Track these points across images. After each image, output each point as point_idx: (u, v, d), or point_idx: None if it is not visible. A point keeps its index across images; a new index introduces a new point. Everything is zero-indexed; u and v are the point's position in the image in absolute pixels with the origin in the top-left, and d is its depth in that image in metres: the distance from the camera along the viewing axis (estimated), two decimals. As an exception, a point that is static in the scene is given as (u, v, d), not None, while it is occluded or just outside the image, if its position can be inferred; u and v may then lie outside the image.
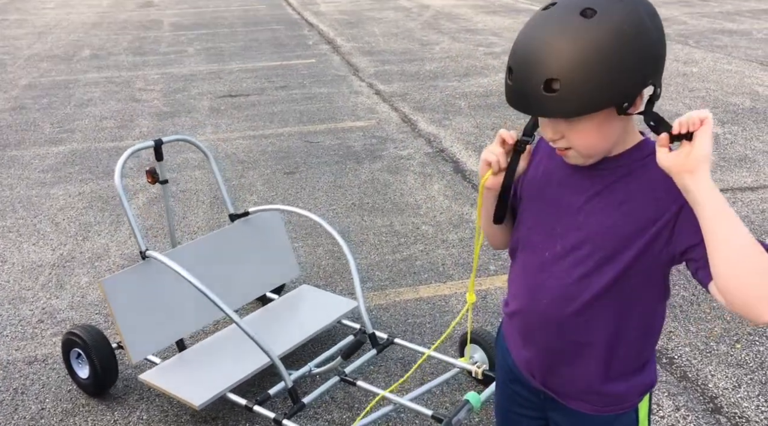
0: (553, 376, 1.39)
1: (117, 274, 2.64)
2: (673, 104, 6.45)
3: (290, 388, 2.49)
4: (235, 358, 2.69)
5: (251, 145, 5.70)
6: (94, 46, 10.35)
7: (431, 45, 9.66)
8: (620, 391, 1.35)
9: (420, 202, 4.48)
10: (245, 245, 3.08)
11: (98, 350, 2.67)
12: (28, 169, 5.26)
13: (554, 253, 1.31)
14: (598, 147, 1.21)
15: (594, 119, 1.15)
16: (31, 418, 2.65)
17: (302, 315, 3.01)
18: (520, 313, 1.40)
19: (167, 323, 2.73)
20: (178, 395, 2.52)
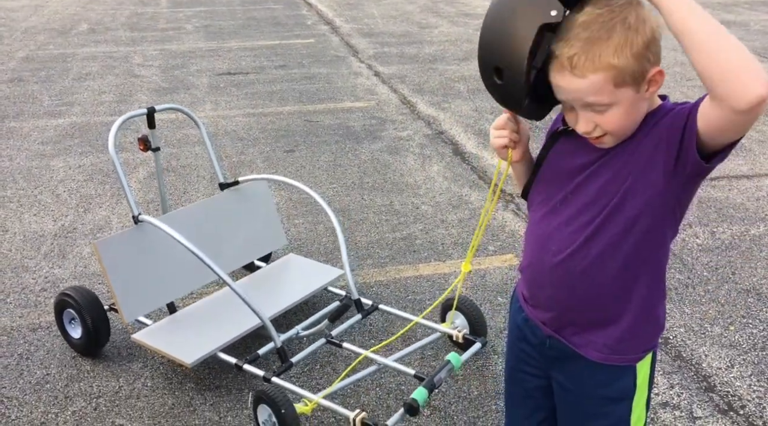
0: (559, 324, 1.45)
1: (111, 237, 2.71)
2: (671, 93, 6.49)
3: (279, 347, 2.57)
4: (226, 320, 2.77)
5: (251, 122, 5.70)
6: (92, 20, 10.27)
7: (430, 28, 9.65)
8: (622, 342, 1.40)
9: (419, 183, 4.51)
10: (234, 213, 3.15)
11: (91, 311, 2.73)
12: (28, 141, 5.25)
13: (561, 213, 1.38)
14: (629, 127, 1.27)
15: (618, 109, 1.23)
16: (36, 382, 2.68)
17: (290, 282, 3.09)
18: (530, 269, 1.48)
19: (159, 286, 2.80)
20: (170, 353, 2.59)
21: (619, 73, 1.19)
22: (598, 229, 1.33)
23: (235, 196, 3.18)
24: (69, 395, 2.61)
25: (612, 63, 1.18)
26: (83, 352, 2.83)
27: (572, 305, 1.42)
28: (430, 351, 2.83)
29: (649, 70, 1.21)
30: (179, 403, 2.57)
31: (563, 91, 1.26)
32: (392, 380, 2.69)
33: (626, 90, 1.21)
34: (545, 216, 1.43)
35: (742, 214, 4.04)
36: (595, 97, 1.22)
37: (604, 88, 1.21)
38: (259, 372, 2.52)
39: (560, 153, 1.42)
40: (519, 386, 1.64)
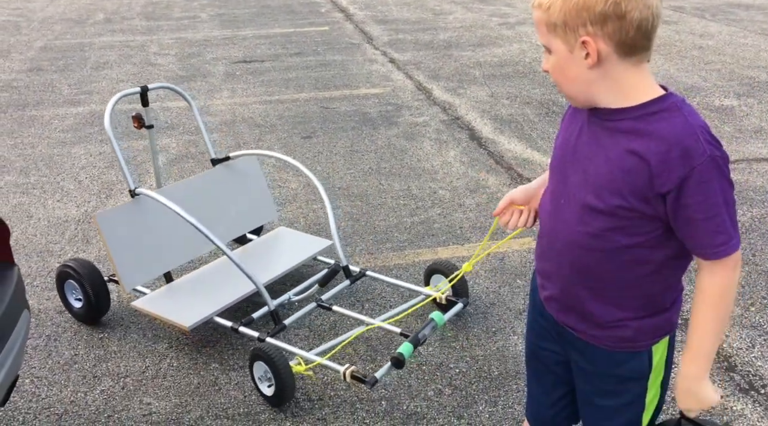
0: (569, 313, 1.48)
1: (109, 209, 2.82)
2: (689, 76, 6.45)
3: (273, 310, 2.69)
4: (221, 287, 2.90)
5: (268, 109, 5.73)
6: (107, 10, 10.32)
7: (444, 15, 9.61)
8: (629, 332, 1.42)
9: (437, 168, 4.53)
10: (226, 188, 3.26)
11: (91, 281, 2.85)
12: (48, 129, 5.31)
13: (566, 198, 1.41)
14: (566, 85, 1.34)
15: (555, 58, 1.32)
16: (65, 362, 2.74)
17: (281, 252, 3.21)
18: (541, 255, 1.52)
19: (156, 256, 2.91)
20: (170, 318, 2.71)
21: (548, 20, 1.28)
22: (593, 222, 1.35)
23: (227, 171, 3.28)
24: (97, 375, 2.67)
25: (546, 7, 1.27)
26: (85, 320, 2.96)
27: (575, 290, 1.44)
28: (414, 312, 2.96)
29: (580, 35, 1.25)
30: (204, 382, 2.62)
31: None
32: (377, 337, 2.82)
33: (557, 41, 1.29)
34: (551, 208, 1.47)
35: (762, 196, 4.02)
36: (538, 32, 1.33)
37: (540, 27, 1.31)
38: (254, 333, 2.65)
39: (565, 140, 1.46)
40: (540, 362, 1.67)
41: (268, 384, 2.48)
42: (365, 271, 3.05)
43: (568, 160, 1.41)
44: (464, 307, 2.84)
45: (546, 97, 5.90)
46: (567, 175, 1.40)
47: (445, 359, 2.72)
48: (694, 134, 1.24)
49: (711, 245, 1.29)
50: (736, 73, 6.51)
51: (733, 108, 5.56)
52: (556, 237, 1.45)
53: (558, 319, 1.52)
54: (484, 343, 2.81)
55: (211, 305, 2.77)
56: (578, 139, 1.39)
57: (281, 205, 4.05)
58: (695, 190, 1.24)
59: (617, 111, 1.31)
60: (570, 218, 1.39)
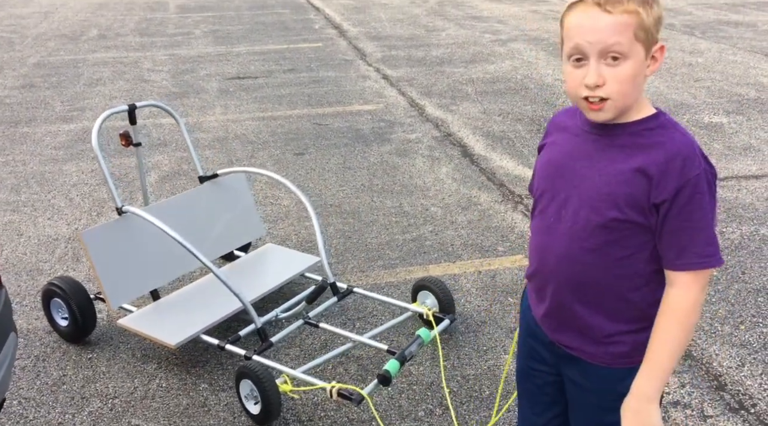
0: (564, 331, 1.49)
1: (96, 227, 2.82)
2: (679, 93, 6.50)
3: (259, 328, 2.70)
4: (207, 305, 2.89)
5: (261, 126, 5.75)
6: (101, 26, 10.36)
7: (437, 31, 9.68)
8: (624, 347, 1.43)
9: (429, 185, 4.54)
10: (214, 205, 3.27)
11: (77, 299, 2.84)
12: (41, 146, 5.31)
13: (558, 216, 1.42)
14: (630, 96, 1.30)
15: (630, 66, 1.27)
16: (53, 383, 2.72)
17: (268, 269, 3.22)
18: (534, 273, 1.52)
19: (143, 274, 2.91)
20: (156, 336, 2.70)
21: (641, 24, 1.24)
22: (588, 237, 1.37)
23: (215, 188, 3.29)
24: (85, 396, 2.65)
25: (639, 10, 1.24)
26: (71, 339, 2.95)
27: (570, 306, 1.45)
28: (401, 327, 3.00)
29: (656, 41, 1.28)
30: (194, 403, 2.60)
31: (585, 31, 1.26)
32: (367, 356, 2.82)
33: (640, 48, 1.26)
34: (543, 226, 1.48)
35: (752, 213, 4.04)
36: (618, 38, 1.24)
37: (626, 32, 1.24)
38: (241, 351, 2.64)
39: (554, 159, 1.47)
40: (531, 382, 1.67)
41: (255, 402, 2.47)
42: (352, 288, 3.05)
43: (561, 177, 1.42)
44: (451, 323, 2.85)
45: (537, 114, 5.93)
46: (560, 192, 1.42)
47: (436, 378, 2.71)
48: (691, 148, 1.30)
49: (700, 254, 1.31)
50: (725, 91, 6.56)
51: (722, 125, 5.60)
52: (550, 253, 1.46)
53: (552, 338, 1.53)
54: (475, 362, 2.80)
55: (198, 323, 2.77)
56: (569, 156, 1.41)
57: (273, 222, 4.05)
58: (689, 201, 1.28)
59: (619, 125, 1.35)
60: (564, 235, 1.41)
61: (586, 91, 1.29)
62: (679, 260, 1.32)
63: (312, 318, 2.87)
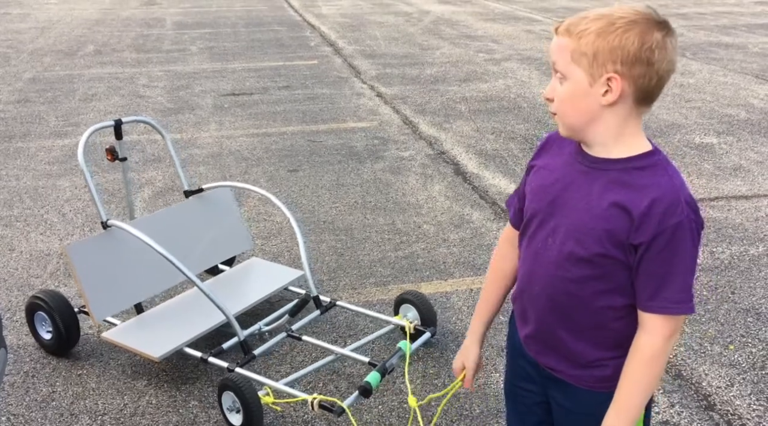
0: (549, 354, 1.50)
1: (80, 241, 2.86)
2: (670, 114, 6.56)
3: (242, 340, 2.73)
4: (191, 318, 2.91)
5: (255, 142, 5.77)
6: (98, 42, 10.40)
7: (432, 50, 9.76)
8: (608, 371, 1.44)
9: (421, 202, 4.56)
10: (199, 219, 3.30)
11: (61, 312, 2.86)
12: (34, 161, 5.31)
13: (545, 243, 1.43)
14: (573, 117, 1.35)
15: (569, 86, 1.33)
16: (42, 400, 2.71)
17: (252, 282, 3.24)
18: (520, 296, 1.54)
19: (128, 287, 2.93)
20: (139, 349, 2.72)
21: (577, 48, 1.29)
22: (572, 266, 1.39)
23: (200, 202, 3.33)
24: (74, 413, 2.64)
25: (576, 36, 1.30)
26: (54, 352, 2.96)
27: (553, 330, 1.47)
28: (382, 340, 3.03)
29: (607, 71, 1.28)
30: (183, 420, 2.60)
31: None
32: (349, 369, 2.87)
33: (579, 71, 1.30)
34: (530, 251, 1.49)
35: (741, 234, 4.07)
36: (556, 57, 1.34)
37: (563, 53, 1.32)
38: (223, 364, 2.66)
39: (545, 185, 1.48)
40: (519, 402, 1.68)
41: (237, 413, 2.49)
42: (335, 301, 3.10)
43: (551, 205, 1.43)
44: (432, 336, 2.90)
45: (530, 133, 5.98)
46: (549, 220, 1.43)
47: (427, 395, 2.71)
48: (676, 195, 1.30)
49: (670, 300, 1.33)
50: (716, 111, 6.63)
51: (712, 145, 5.66)
52: (535, 280, 1.47)
53: (538, 360, 1.54)
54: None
55: (181, 336, 2.79)
56: (560, 184, 1.42)
57: (265, 238, 4.06)
58: (665, 247, 1.30)
59: (608, 161, 1.35)
60: (550, 263, 1.42)
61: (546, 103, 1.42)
62: (650, 302, 1.34)
63: (295, 331, 2.90)
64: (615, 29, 1.27)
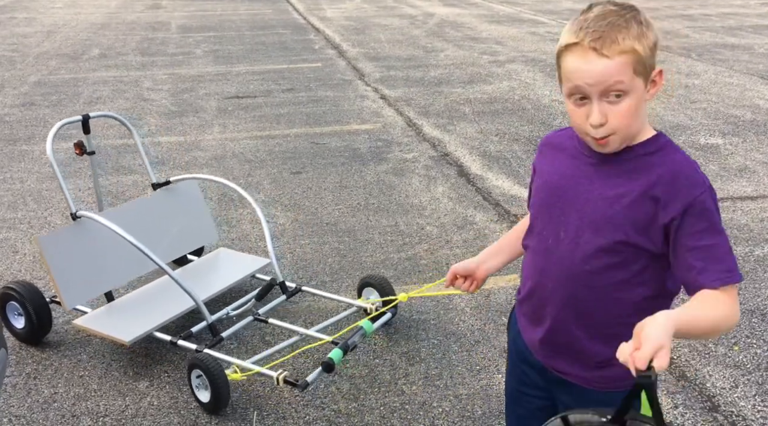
0: (560, 356, 1.48)
1: (51, 232, 2.97)
2: (675, 115, 6.54)
3: (210, 323, 2.83)
4: (161, 305, 3.00)
5: (258, 145, 5.77)
6: (103, 45, 10.44)
7: (436, 52, 9.76)
8: (619, 371, 1.42)
9: (425, 204, 4.55)
10: (167, 211, 3.39)
11: (33, 301, 2.92)
12: (38, 164, 5.33)
13: (557, 238, 1.41)
14: (634, 126, 1.31)
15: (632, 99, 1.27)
16: (44, 401, 2.71)
17: (220, 270, 3.36)
18: (530, 295, 1.50)
19: (98, 276, 3.02)
20: (109, 334, 2.81)
21: (639, 59, 1.25)
22: (588, 260, 1.37)
23: (168, 195, 3.41)
24: (76, 414, 2.64)
25: (635, 47, 1.24)
26: (27, 341, 3.02)
27: (566, 328, 1.44)
28: (345, 322, 3.09)
29: (654, 68, 1.29)
30: (184, 422, 2.59)
31: (584, 75, 1.26)
32: (314, 349, 2.91)
33: (640, 81, 1.27)
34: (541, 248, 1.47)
35: (747, 235, 4.05)
36: (618, 78, 1.24)
37: (625, 71, 1.24)
38: (192, 346, 2.75)
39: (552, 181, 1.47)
40: (522, 407, 1.65)
41: (205, 390, 2.57)
42: (301, 287, 3.20)
43: (559, 199, 1.42)
44: (392, 316, 3.02)
45: (534, 134, 5.97)
46: (558, 214, 1.41)
47: (428, 398, 2.70)
48: (693, 166, 1.32)
49: (722, 270, 1.27)
50: (721, 112, 6.60)
51: (718, 146, 5.63)
52: (549, 275, 1.44)
53: (546, 364, 1.51)
54: (468, 381, 2.79)
55: (151, 321, 2.88)
56: (568, 178, 1.41)
57: (268, 240, 4.05)
58: (699, 218, 1.28)
59: (617, 151, 1.34)
60: (565, 256, 1.40)
61: (592, 130, 1.30)
62: (704, 280, 1.27)
63: (262, 315, 3.00)
64: (644, 26, 1.27)
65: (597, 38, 1.24)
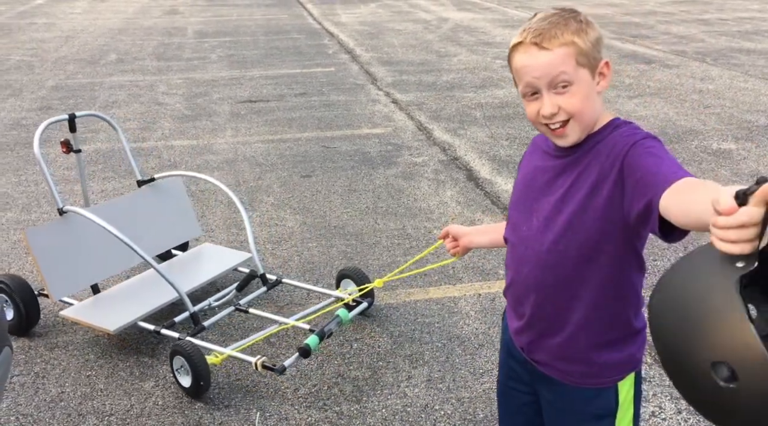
0: (538, 347, 1.50)
1: (39, 226, 3.09)
2: (688, 120, 6.49)
3: (192, 312, 2.93)
4: (145, 297, 3.12)
5: (270, 148, 5.82)
6: (120, 50, 10.58)
7: (449, 56, 9.77)
8: (596, 366, 1.45)
9: (433, 207, 4.56)
10: (151, 207, 3.51)
11: (21, 295, 3.06)
12: (53, 166, 5.41)
13: (531, 227, 1.46)
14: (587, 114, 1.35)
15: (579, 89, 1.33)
16: (51, 400, 2.75)
17: (204, 264, 3.47)
18: (511, 284, 1.55)
19: (84, 269, 3.14)
20: (95, 324, 2.92)
21: (580, 51, 1.32)
22: (559, 244, 1.40)
23: (153, 191, 3.54)
24: (82, 413, 2.68)
25: (574, 40, 1.32)
26: (16, 332, 3.10)
27: (544, 318, 1.47)
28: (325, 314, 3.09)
29: (600, 60, 1.36)
30: (188, 422, 2.62)
31: (530, 69, 1.34)
32: (293, 337, 3.09)
33: (585, 71, 1.33)
34: (517, 238, 1.51)
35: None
36: (561, 68, 1.32)
37: (567, 61, 1.32)
38: (175, 334, 2.87)
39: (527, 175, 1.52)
40: (509, 401, 1.69)
41: (186, 375, 2.69)
42: (281, 278, 3.32)
43: (534, 190, 1.47)
44: (369, 307, 3.17)
45: (545, 139, 5.95)
46: (533, 203, 1.46)
47: (430, 401, 2.71)
48: (632, 129, 1.36)
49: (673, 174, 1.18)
50: (735, 117, 6.55)
51: (730, 151, 5.58)
52: (525, 263, 1.48)
53: (528, 357, 1.54)
54: (471, 384, 2.80)
55: (136, 312, 2.99)
56: (542, 170, 1.46)
57: (276, 243, 4.08)
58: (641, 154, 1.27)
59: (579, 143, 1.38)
60: (537, 242, 1.44)
61: (546, 120, 1.37)
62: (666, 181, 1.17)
63: (242, 305, 3.12)
64: (586, 23, 1.36)
65: (538, 35, 1.32)
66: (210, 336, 3.06)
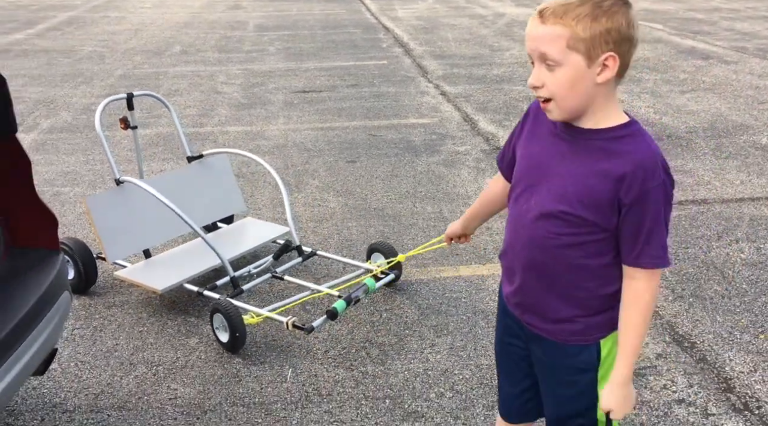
0: (528, 309, 1.65)
1: (98, 194, 3.42)
2: (740, 115, 6.41)
3: (232, 276, 3.19)
4: (191, 262, 3.39)
5: (318, 135, 6.06)
6: (184, 43, 11.05)
7: (501, 51, 9.83)
8: (579, 326, 1.59)
9: (471, 193, 4.70)
10: (200, 181, 3.77)
11: (82, 256, 3.37)
12: (118, 148, 5.79)
13: (529, 204, 1.56)
14: (571, 100, 1.42)
15: (565, 72, 1.39)
16: (107, 350, 3.04)
17: (245, 236, 3.73)
18: (505, 252, 1.69)
19: (138, 235, 3.42)
20: (145, 283, 3.21)
21: (574, 35, 1.35)
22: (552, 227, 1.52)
23: (201, 167, 3.82)
24: (133, 362, 2.95)
25: (572, 24, 1.34)
26: (75, 291, 3.37)
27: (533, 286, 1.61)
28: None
29: (604, 51, 1.36)
30: (227, 373, 2.86)
31: (527, 38, 1.42)
32: (324, 302, 3.33)
33: (577, 56, 1.36)
34: (515, 212, 1.63)
35: (794, 232, 4.00)
36: (548, 47, 1.36)
37: (557, 42, 1.35)
38: (216, 295, 3.12)
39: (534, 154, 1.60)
40: (507, 356, 1.82)
41: (225, 331, 2.94)
42: (316, 251, 3.57)
43: (536, 170, 1.56)
44: (396, 279, 3.39)
45: (589, 131, 5.99)
46: (534, 184, 1.56)
47: (450, 366, 2.87)
48: (654, 159, 1.43)
49: (654, 256, 1.47)
50: (789, 112, 6.43)
51: (779, 146, 5.51)
52: (518, 238, 1.61)
53: (518, 316, 1.69)
54: (491, 353, 2.95)
55: (181, 274, 3.27)
56: (546, 152, 1.55)
57: (318, 221, 4.31)
58: (646, 208, 1.43)
59: (592, 131, 1.47)
60: (530, 222, 1.56)
61: (532, 90, 1.46)
62: (638, 260, 1.47)
63: (278, 273, 3.36)
64: (604, 12, 1.35)
65: (545, 7, 1.38)
66: (249, 301, 3.28)
